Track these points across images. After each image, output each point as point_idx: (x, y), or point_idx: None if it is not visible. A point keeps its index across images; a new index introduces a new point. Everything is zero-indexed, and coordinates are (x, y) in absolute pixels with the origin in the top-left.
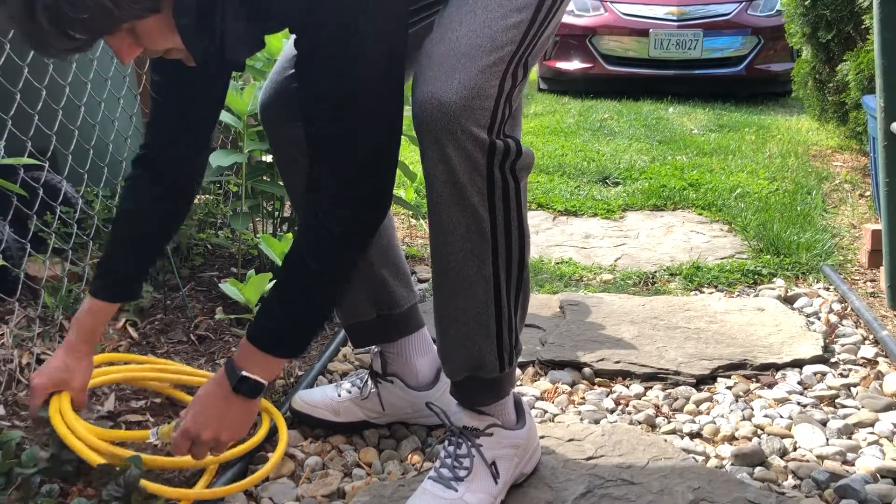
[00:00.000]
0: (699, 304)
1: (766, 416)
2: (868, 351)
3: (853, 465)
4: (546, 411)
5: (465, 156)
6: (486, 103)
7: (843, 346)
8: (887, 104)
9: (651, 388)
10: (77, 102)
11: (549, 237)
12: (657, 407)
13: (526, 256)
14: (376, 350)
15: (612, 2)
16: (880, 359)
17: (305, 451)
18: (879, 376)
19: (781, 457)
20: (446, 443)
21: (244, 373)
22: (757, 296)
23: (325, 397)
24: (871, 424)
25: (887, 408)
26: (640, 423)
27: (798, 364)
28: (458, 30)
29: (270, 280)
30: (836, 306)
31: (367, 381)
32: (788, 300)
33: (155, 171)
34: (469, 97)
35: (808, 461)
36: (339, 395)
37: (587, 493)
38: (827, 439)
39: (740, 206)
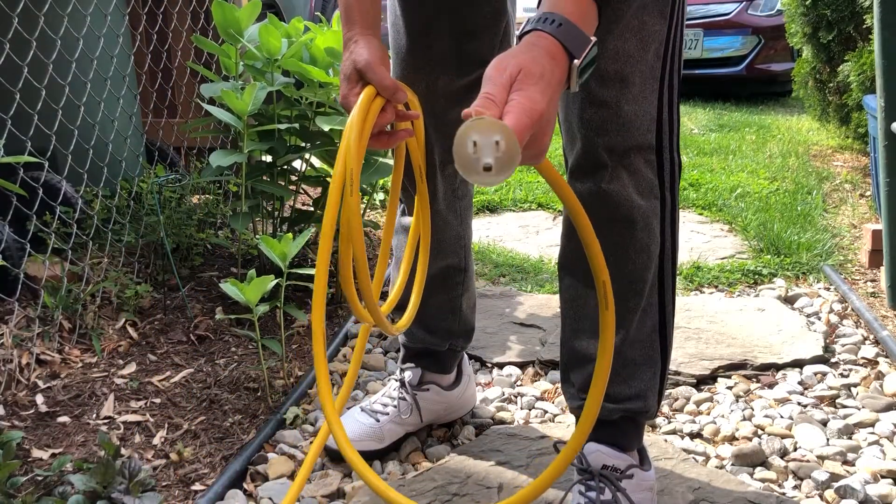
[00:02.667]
0: (699, 304)
1: (766, 416)
2: (868, 351)
3: (853, 465)
4: (546, 411)
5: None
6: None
7: (843, 346)
8: (887, 104)
9: None
10: (77, 102)
11: (549, 237)
12: None
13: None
14: (410, 365)
15: None
16: (881, 359)
17: (305, 452)
18: (880, 376)
19: (782, 457)
20: (582, 487)
21: (593, 38)
22: (757, 296)
23: (363, 427)
24: (872, 425)
25: (888, 408)
26: None
27: (798, 364)
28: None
29: (271, 281)
30: (837, 306)
31: (404, 397)
32: (789, 300)
33: None
34: None
35: (808, 461)
36: (379, 420)
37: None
38: (827, 439)
39: (741, 206)
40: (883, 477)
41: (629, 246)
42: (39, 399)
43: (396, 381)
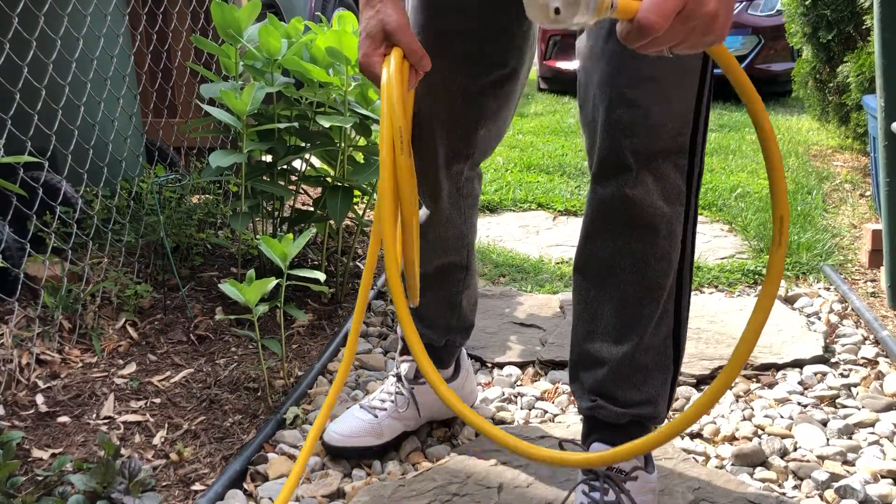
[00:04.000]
0: (699, 304)
1: (766, 416)
2: (868, 351)
3: (853, 465)
4: (546, 411)
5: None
6: None
7: (843, 346)
8: (887, 104)
9: None
10: (77, 102)
11: (549, 237)
12: None
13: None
14: (407, 358)
15: None
16: (881, 359)
17: None
18: (880, 376)
19: (782, 457)
20: (586, 488)
21: None
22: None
23: (362, 423)
24: (872, 425)
25: (888, 408)
26: None
27: (798, 364)
28: None
29: (271, 283)
30: (837, 306)
31: (400, 392)
32: (789, 300)
33: None
34: None
35: (808, 461)
36: (377, 416)
37: None
38: (827, 439)
39: (741, 205)
40: (883, 477)
41: (650, 253)
42: (39, 399)
43: (393, 376)
